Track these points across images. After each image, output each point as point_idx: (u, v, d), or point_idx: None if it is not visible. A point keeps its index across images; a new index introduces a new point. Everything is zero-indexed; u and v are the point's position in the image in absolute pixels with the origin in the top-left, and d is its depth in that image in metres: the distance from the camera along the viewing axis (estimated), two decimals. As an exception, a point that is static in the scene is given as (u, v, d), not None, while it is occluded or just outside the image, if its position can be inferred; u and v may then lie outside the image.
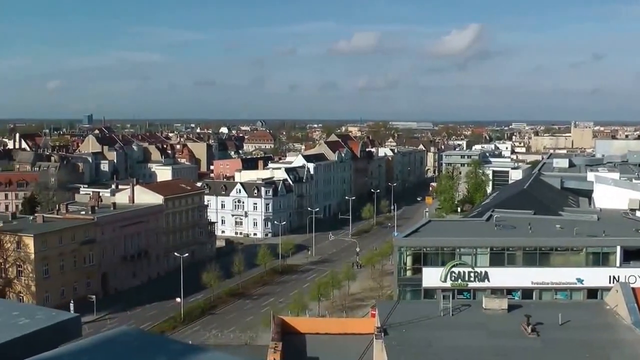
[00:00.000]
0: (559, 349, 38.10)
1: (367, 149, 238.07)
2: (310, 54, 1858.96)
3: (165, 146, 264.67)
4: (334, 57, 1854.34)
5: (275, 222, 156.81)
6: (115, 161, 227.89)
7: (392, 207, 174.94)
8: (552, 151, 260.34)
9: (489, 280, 63.19)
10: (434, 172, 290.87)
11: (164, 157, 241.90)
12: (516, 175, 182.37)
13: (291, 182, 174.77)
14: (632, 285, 48.28)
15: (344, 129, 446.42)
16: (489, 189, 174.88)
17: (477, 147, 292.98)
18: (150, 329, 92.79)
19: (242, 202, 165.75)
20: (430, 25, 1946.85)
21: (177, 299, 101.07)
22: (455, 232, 71.76)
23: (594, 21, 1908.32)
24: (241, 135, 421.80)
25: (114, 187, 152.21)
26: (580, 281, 63.42)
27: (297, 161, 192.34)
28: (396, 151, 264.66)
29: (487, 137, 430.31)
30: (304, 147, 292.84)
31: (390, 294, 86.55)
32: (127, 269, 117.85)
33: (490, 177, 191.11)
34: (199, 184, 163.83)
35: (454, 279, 62.83)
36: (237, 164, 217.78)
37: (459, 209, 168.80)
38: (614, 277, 61.74)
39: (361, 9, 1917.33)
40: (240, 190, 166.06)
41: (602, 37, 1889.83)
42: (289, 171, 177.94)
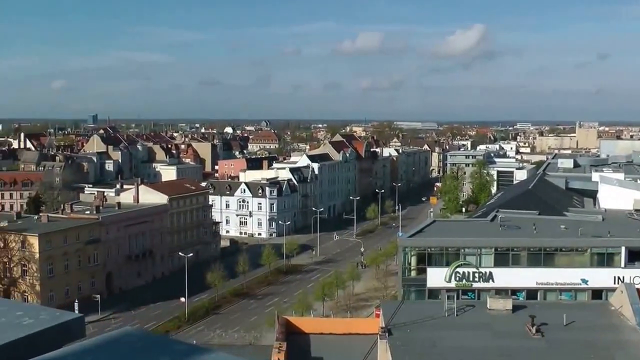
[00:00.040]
0: (564, 350, 38.05)
1: (371, 149, 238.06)
2: (314, 54, 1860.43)
3: (169, 146, 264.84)
4: (338, 57, 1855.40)
5: (279, 222, 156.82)
6: (120, 161, 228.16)
7: (396, 207, 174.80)
8: (556, 151, 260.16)
9: (493, 280, 63.09)
10: (439, 172, 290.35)
11: (168, 157, 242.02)
12: (521, 175, 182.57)
13: (296, 182, 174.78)
14: (637, 286, 48.24)
15: (348, 129, 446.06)
16: (494, 189, 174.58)
17: (481, 147, 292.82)
18: (154, 328, 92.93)
19: (247, 202, 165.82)
20: (434, 25, 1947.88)
21: (182, 299, 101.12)
22: (459, 233, 71.69)
23: (598, 21, 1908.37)
24: (246, 135, 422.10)
25: (118, 186, 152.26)
26: (584, 282, 63.28)
27: (301, 161, 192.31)
28: (401, 151, 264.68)
29: (492, 138, 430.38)
30: (308, 147, 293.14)
31: (394, 294, 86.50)
32: (131, 268, 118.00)
33: (494, 177, 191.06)
34: (204, 184, 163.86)
35: (458, 279, 62.72)
36: (241, 163, 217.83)
37: (464, 209, 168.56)
38: (619, 277, 61.63)
39: (365, 9, 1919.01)
40: (244, 190, 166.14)
41: (606, 37, 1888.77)
42: (293, 171, 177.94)
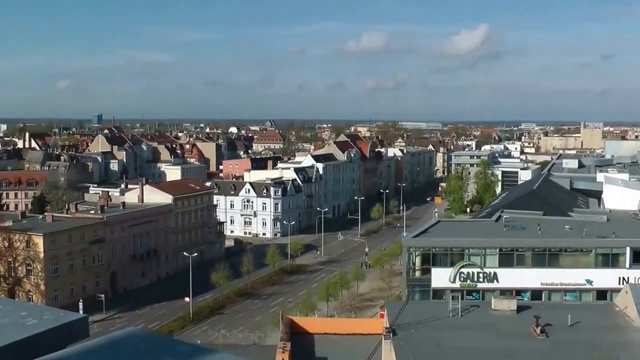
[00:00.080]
0: (568, 351, 37.96)
1: (376, 149, 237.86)
2: (318, 54, 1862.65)
3: (174, 146, 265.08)
4: (342, 57, 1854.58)
5: (284, 222, 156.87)
6: (124, 161, 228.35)
7: (401, 208, 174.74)
8: (561, 152, 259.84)
9: (498, 281, 63.03)
10: (443, 172, 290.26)
11: (173, 156, 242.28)
12: (525, 175, 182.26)
13: (300, 182, 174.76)
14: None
15: (353, 129, 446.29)
16: (498, 190, 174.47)
17: (486, 147, 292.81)
18: (159, 328, 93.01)
19: (251, 202, 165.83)
20: (439, 25, 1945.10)
21: (186, 299, 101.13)
22: (464, 233, 71.61)
23: (603, 21, 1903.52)
24: (250, 135, 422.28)
25: (123, 186, 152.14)
26: (589, 282, 63.18)
27: (306, 161, 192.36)
28: (405, 151, 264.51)
29: (497, 138, 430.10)
30: (313, 147, 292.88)
31: (399, 295, 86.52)
32: (136, 268, 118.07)
33: (499, 177, 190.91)
34: (208, 184, 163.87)
35: (463, 279, 62.66)
36: (246, 163, 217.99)
37: (468, 210, 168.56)
38: (624, 278, 61.55)
39: (370, 9, 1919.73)
40: (249, 190, 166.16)
41: (611, 37, 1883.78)
42: (298, 171, 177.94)
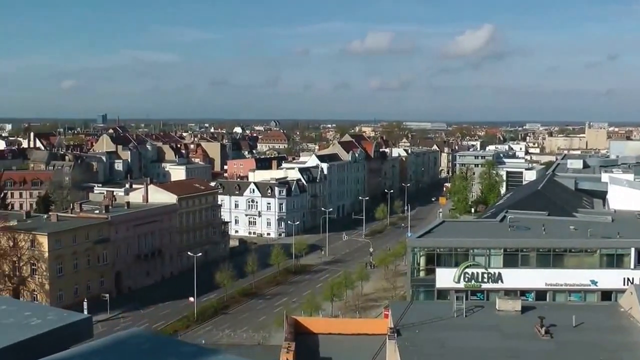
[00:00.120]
0: (573, 351, 37.92)
1: (380, 149, 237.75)
2: (323, 54, 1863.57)
3: (179, 146, 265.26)
4: (347, 57, 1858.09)
5: (288, 222, 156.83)
6: (129, 160, 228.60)
7: (405, 208, 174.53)
8: (566, 152, 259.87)
9: (502, 281, 62.99)
10: (448, 172, 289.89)
11: (177, 156, 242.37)
12: (530, 176, 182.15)
13: (305, 182, 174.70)
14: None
15: (357, 129, 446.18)
16: (503, 190, 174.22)
17: (491, 147, 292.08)
18: (163, 328, 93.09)
19: (256, 202, 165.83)
20: (443, 25, 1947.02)
21: (191, 299, 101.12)
22: (468, 233, 71.60)
23: (608, 21, 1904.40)
24: (255, 135, 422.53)
25: (127, 186, 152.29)
26: (594, 283, 63.12)
27: (310, 161, 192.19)
28: (410, 151, 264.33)
29: (501, 138, 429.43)
30: (317, 147, 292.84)
31: (403, 295, 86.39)
32: (140, 268, 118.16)
33: (504, 177, 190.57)
34: (213, 184, 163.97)
35: (467, 279, 62.63)
36: (250, 163, 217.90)
37: (473, 210, 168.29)
38: (629, 279, 61.49)
39: (374, 9, 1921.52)
40: (253, 190, 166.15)
41: (616, 37, 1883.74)
42: (302, 171, 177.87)
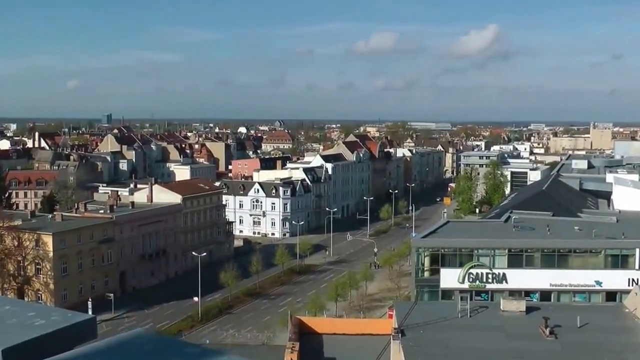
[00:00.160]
0: (577, 352, 37.84)
1: (385, 150, 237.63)
2: (328, 54, 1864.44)
3: (183, 146, 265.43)
4: (351, 57, 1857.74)
5: (293, 222, 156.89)
6: (134, 160, 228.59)
7: (410, 208, 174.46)
8: (570, 152, 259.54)
9: (507, 281, 62.93)
10: (452, 172, 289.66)
11: (182, 156, 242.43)
12: (535, 176, 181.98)
13: (309, 182, 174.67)
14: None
15: (362, 129, 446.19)
16: (508, 190, 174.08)
17: (495, 147, 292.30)
18: (167, 328, 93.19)
19: (260, 202, 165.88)
20: (448, 25, 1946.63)
21: (195, 298, 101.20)
22: (473, 233, 71.53)
23: (613, 21, 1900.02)
24: (259, 135, 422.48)
25: (132, 186, 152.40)
26: (599, 283, 63.02)
27: (315, 161, 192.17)
28: (414, 152, 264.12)
29: (506, 138, 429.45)
30: (322, 147, 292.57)
31: (407, 295, 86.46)
32: (145, 267, 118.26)
33: (508, 178, 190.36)
34: (217, 184, 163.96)
35: (471, 280, 62.60)
36: (255, 163, 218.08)
37: (477, 210, 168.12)
38: (633, 279, 61.40)
39: (379, 9, 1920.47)
40: (258, 190, 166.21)
41: (621, 37, 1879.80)
42: (307, 171, 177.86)
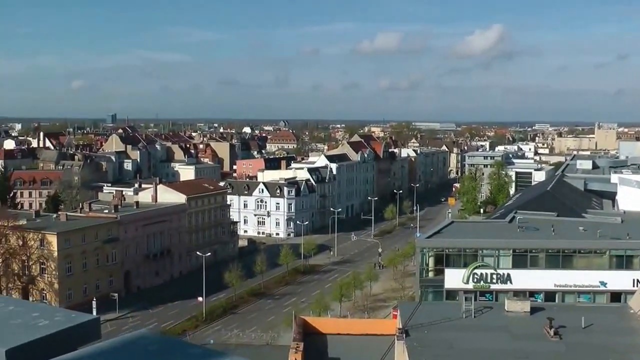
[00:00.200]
0: (582, 353, 37.81)
1: (390, 150, 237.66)
2: (332, 54, 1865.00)
3: (188, 145, 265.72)
4: (356, 57, 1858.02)
5: (297, 222, 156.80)
6: (138, 160, 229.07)
7: (414, 208, 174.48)
8: (575, 152, 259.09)
9: (511, 282, 62.89)
10: (457, 173, 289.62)
11: (187, 156, 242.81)
12: (539, 176, 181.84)
13: (314, 182, 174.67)
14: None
15: (366, 129, 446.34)
16: (512, 191, 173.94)
17: (500, 148, 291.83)
18: (172, 327, 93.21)
19: (265, 202, 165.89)
20: (452, 25, 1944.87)
21: (199, 298, 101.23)
22: (477, 234, 71.50)
23: (617, 21, 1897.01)
24: (264, 135, 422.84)
25: (137, 186, 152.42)
26: (603, 284, 62.93)
27: (319, 161, 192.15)
28: (419, 152, 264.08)
29: (510, 138, 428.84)
30: (326, 147, 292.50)
31: (412, 295, 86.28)
32: (149, 267, 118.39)
33: (513, 178, 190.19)
34: (222, 184, 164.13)
35: (476, 280, 62.57)
36: (259, 163, 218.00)
37: (482, 210, 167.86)
38: (638, 280, 61.28)
39: (384, 9, 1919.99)
40: (262, 190, 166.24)
41: (626, 38, 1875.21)
42: (311, 171, 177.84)
